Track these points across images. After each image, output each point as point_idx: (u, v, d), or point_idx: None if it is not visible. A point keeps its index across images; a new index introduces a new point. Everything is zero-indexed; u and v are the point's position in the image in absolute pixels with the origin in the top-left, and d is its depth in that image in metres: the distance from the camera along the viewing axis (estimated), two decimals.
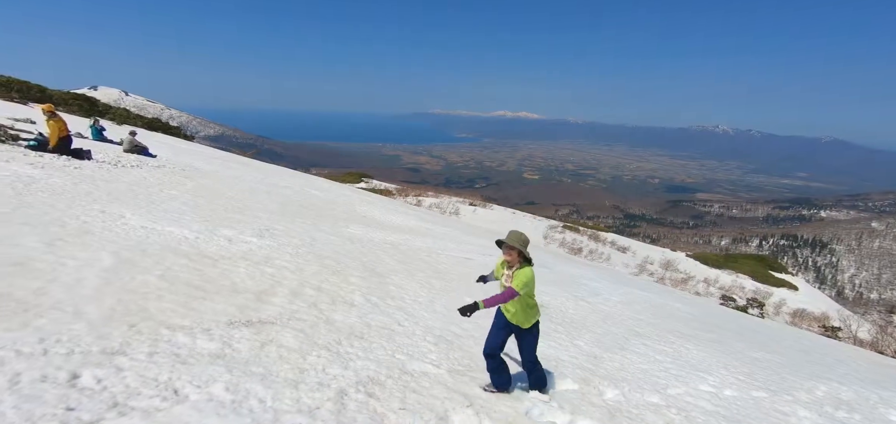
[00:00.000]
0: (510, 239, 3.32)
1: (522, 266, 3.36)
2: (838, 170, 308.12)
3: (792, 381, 6.28)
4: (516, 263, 3.36)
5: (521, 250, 3.30)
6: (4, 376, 2.29)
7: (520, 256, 3.34)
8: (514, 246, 3.29)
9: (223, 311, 3.92)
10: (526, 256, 3.36)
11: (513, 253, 3.32)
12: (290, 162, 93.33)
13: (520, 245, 3.30)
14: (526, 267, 3.35)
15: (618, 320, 7.91)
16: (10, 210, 5.15)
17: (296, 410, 2.64)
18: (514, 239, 3.31)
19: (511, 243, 3.30)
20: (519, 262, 3.36)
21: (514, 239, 3.31)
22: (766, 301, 26.94)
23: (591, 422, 3.51)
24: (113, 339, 2.95)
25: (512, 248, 3.30)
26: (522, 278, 3.29)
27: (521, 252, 3.31)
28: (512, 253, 3.32)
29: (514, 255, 3.33)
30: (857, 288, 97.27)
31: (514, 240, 3.31)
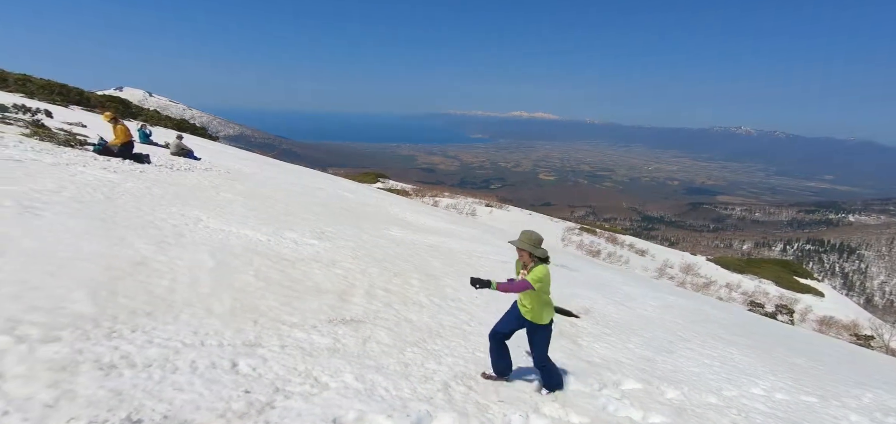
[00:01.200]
0: (520, 241, 3.40)
1: (537, 264, 3.41)
2: (868, 172, 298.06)
3: (837, 388, 6.43)
4: (530, 263, 3.42)
5: (531, 251, 3.36)
6: (185, 362, 2.71)
7: (531, 256, 3.40)
8: (524, 248, 3.37)
9: (318, 310, 4.33)
10: (537, 255, 3.40)
11: (524, 254, 3.41)
12: (307, 161, 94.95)
13: (529, 246, 3.36)
14: (541, 265, 3.41)
15: (659, 324, 8.12)
16: (111, 213, 5.67)
17: (416, 398, 3.01)
18: (523, 241, 3.38)
19: (520, 245, 3.38)
20: (532, 261, 3.42)
21: (523, 241, 3.38)
22: (794, 307, 26.48)
23: (662, 418, 3.79)
24: (247, 333, 3.36)
25: (522, 250, 3.40)
26: (537, 273, 3.33)
27: (530, 253, 3.37)
28: (523, 253, 3.41)
29: (526, 256, 3.41)
30: (887, 296, 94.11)
31: (524, 242, 3.38)
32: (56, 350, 2.47)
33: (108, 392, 2.23)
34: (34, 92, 27.13)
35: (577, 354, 5.11)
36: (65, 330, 2.71)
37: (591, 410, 3.61)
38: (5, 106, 14.05)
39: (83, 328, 2.79)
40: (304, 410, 2.52)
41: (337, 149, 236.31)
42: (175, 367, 2.62)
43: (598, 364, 4.93)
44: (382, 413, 2.69)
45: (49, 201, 5.40)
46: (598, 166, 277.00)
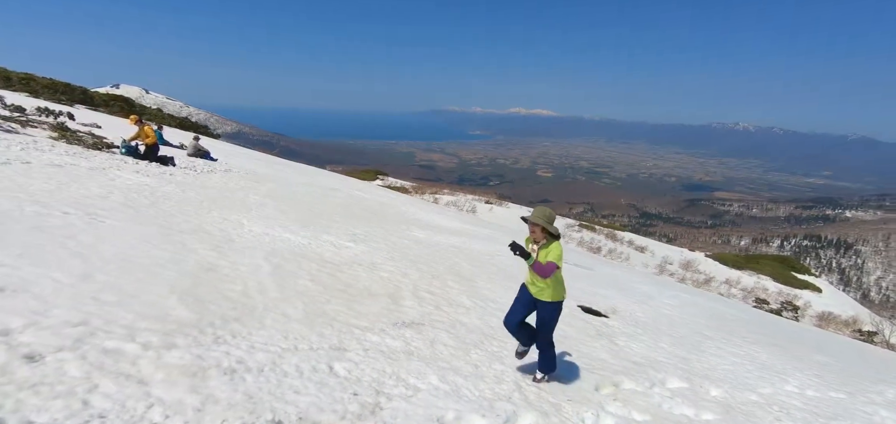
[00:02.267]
0: (534, 216, 3.37)
1: (549, 242, 3.37)
2: (865, 168, 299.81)
3: (860, 384, 6.66)
4: (542, 239, 3.37)
5: (545, 226, 3.32)
6: (290, 366, 2.89)
7: (544, 232, 3.34)
8: (538, 223, 3.32)
9: (378, 313, 4.52)
10: (550, 232, 3.35)
11: (537, 229, 3.34)
12: (307, 159, 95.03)
13: (544, 221, 3.31)
14: (554, 242, 3.37)
15: (681, 323, 8.35)
16: (162, 218, 5.83)
17: (497, 398, 3.20)
18: (538, 216, 3.34)
19: (534, 220, 3.34)
20: (545, 238, 3.37)
21: (538, 216, 3.34)
22: (804, 305, 26.83)
23: (714, 415, 4.00)
24: (330, 337, 3.55)
25: (535, 225, 3.34)
26: (557, 251, 3.31)
27: (545, 228, 3.33)
28: (536, 229, 3.34)
29: (538, 231, 3.34)
30: (883, 291, 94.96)
31: (538, 217, 3.34)
32: (180, 355, 2.66)
33: (242, 395, 2.42)
34: (39, 91, 27.11)
35: (620, 354, 5.32)
36: (177, 336, 2.89)
37: (650, 408, 3.82)
38: (22, 108, 14.13)
39: (191, 334, 2.97)
40: (409, 411, 2.71)
41: (335, 147, 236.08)
42: (284, 371, 2.80)
43: (642, 363, 5.14)
44: (476, 412, 2.88)
45: (104, 207, 5.56)
46: (597, 163, 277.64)
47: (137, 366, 2.44)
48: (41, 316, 2.68)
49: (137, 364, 2.46)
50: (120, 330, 2.77)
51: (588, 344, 5.44)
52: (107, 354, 2.47)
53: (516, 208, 38.20)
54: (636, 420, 3.49)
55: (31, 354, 2.29)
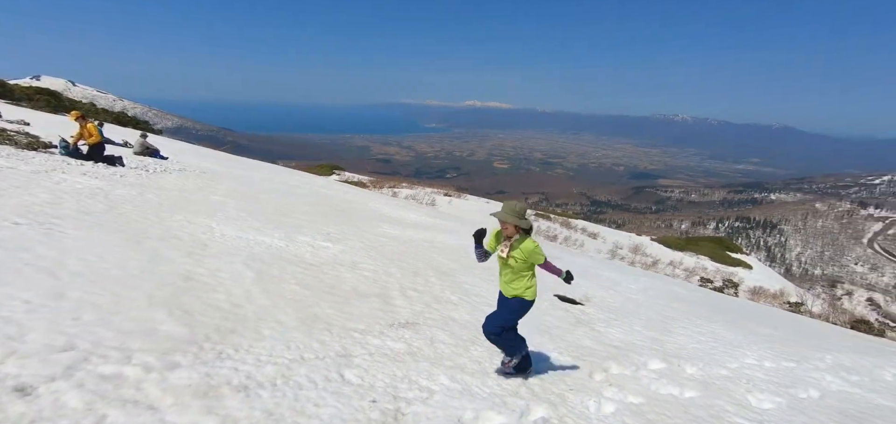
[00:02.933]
0: (504, 212, 3.23)
1: (522, 238, 3.26)
2: (786, 155, 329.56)
3: (803, 353, 7.37)
4: (514, 234, 3.24)
5: (517, 222, 3.19)
6: (302, 377, 2.79)
7: (516, 228, 3.22)
8: (509, 220, 3.19)
9: (371, 315, 4.44)
10: (523, 227, 3.23)
11: (509, 226, 3.22)
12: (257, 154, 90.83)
13: (514, 217, 3.19)
14: (527, 239, 3.26)
15: (647, 306, 8.85)
16: (125, 225, 5.39)
17: (506, 393, 3.26)
18: (508, 213, 3.21)
19: (504, 217, 3.21)
20: (517, 234, 3.25)
21: (508, 213, 3.21)
22: (739, 282, 29.14)
23: (695, 392, 4.30)
24: (332, 344, 3.45)
25: (506, 222, 3.22)
26: (530, 247, 3.22)
27: (516, 224, 3.20)
28: (508, 226, 3.23)
29: (510, 228, 3.22)
30: (803, 265, 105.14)
31: (508, 213, 3.21)
32: (186, 375, 2.49)
33: (261, 412, 2.31)
34: None
35: (601, 340, 5.57)
36: (176, 354, 2.71)
37: (641, 390, 4.03)
38: None
39: (191, 351, 2.79)
40: (429, 414, 2.71)
41: (287, 141, 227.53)
42: (298, 383, 2.70)
43: (622, 347, 5.41)
44: (492, 409, 2.92)
45: (58, 215, 5.06)
46: (550, 154, 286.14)
47: (143, 391, 2.26)
48: (18, 342, 2.41)
49: (142, 388, 2.28)
50: (112, 351, 2.55)
51: (572, 332, 5.64)
52: (105, 380, 2.27)
53: (475, 200, 38.65)
54: (633, 403, 3.67)
55: (20, 386, 2.06)
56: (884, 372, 6.92)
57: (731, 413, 3.93)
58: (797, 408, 4.45)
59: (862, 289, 72.08)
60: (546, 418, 3.02)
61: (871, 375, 6.58)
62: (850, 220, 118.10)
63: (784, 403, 4.53)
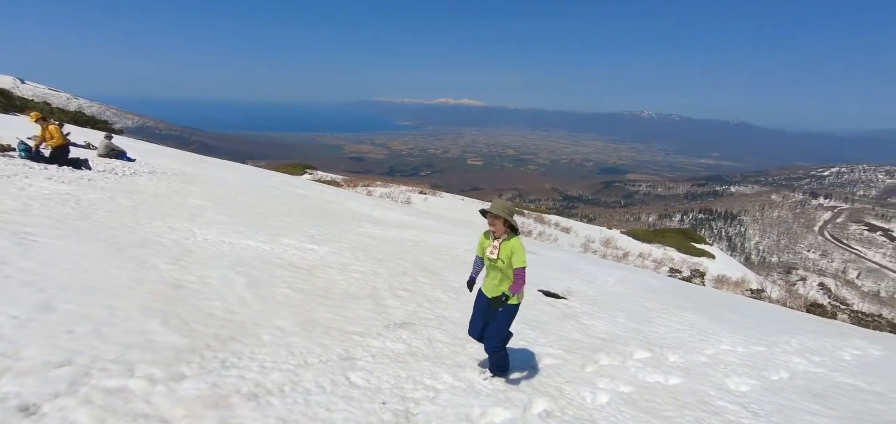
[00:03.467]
0: (496, 208, 3.19)
1: (509, 237, 3.20)
2: (744, 149, 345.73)
3: (770, 336, 7.84)
4: (502, 233, 3.19)
5: (507, 218, 3.16)
6: (310, 382, 2.79)
7: (506, 225, 3.18)
8: (499, 215, 3.14)
9: (367, 317, 4.45)
10: (512, 225, 3.21)
11: (498, 222, 3.17)
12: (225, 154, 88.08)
13: (505, 213, 3.16)
14: (515, 239, 3.21)
15: (626, 298, 9.17)
16: (103, 232, 5.17)
17: (508, 388, 3.35)
18: (499, 209, 3.18)
19: (496, 212, 3.16)
20: (505, 233, 3.20)
21: (499, 209, 3.18)
22: (705, 271, 30.41)
23: (679, 379, 4.52)
24: (334, 347, 3.45)
25: (497, 217, 3.16)
26: (520, 251, 3.17)
27: (506, 220, 3.17)
28: (497, 222, 3.17)
29: (500, 225, 3.17)
30: (761, 253, 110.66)
31: (500, 209, 3.17)
32: (193, 386, 2.45)
33: (275, 420, 2.30)
34: None
35: (588, 333, 5.75)
36: (179, 364, 2.65)
37: (630, 379, 4.21)
38: None
39: (194, 361, 2.74)
40: (439, 412, 2.76)
41: (256, 140, 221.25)
42: (306, 389, 2.70)
43: (608, 339, 5.61)
44: (498, 405, 3.00)
45: (30, 223, 4.81)
46: (522, 150, 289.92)
47: (153, 404, 2.22)
48: (13, 359, 2.31)
49: (151, 401, 2.24)
50: (113, 365, 2.48)
51: (560, 326, 5.80)
52: (112, 394, 2.21)
53: (450, 197, 38.82)
54: (624, 392, 3.84)
55: (24, 406, 1.99)
56: (842, 353, 7.45)
57: (714, 396, 4.17)
58: (771, 390, 4.76)
59: (814, 275, 76.78)
60: (548, 411, 3.12)
61: (832, 356, 7.07)
62: (803, 210, 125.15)
63: (759, 385, 4.83)
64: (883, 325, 20.25)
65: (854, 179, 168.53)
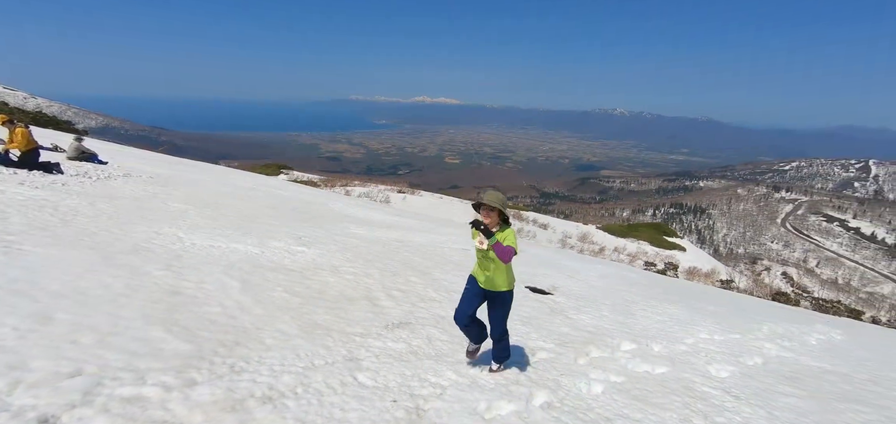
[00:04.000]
0: (490, 199, 3.22)
1: (503, 227, 3.25)
2: (712, 145, 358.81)
3: (743, 325, 8.26)
4: (496, 225, 3.23)
5: (502, 209, 3.21)
6: (320, 384, 2.84)
7: (499, 216, 3.23)
8: (495, 207, 3.19)
9: (365, 318, 4.50)
10: (505, 216, 3.27)
11: (493, 214, 3.21)
12: (196, 154, 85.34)
13: (500, 204, 3.20)
14: (508, 230, 3.24)
15: (609, 292, 9.48)
16: (89, 239, 5.03)
17: (508, 382, 3.48)
18: (494, 200, 3.21)
19: (491, 203, 3.19)
20: (499, 224, 3.25)
21: (494, 200, 3.21)
22: (678, 264, 31.44)
23: (665, 368, 4.76)
24: (338, 349, 3.50)
25: (492, 209, 3.20)
26: (512, 237, 3.21)
27: (501, 211, 3.22)
28: (491, 214, 3.21)
29: (494, 216, 3.21)
30: (728, 245, 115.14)
31: (494, 200, 3.20)
32: (208, 391, 2.47)
33: (294, 421, 2.35)
34: None
35: (577, 326, 5.96)
36: (189, 371, 2.66)
37: (620, 370, 4.42)
38: None
39: (203, 367, 2.75)
40: (448, 408, 2.86)
41: (229, 140, 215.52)
42: (318, 390, 2.75)
43: (596, 332, 5.83)
44: (502, 398, 3.13)
45: (10, 232, 4.65)
46: (499, 148, 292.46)
47: (171, 411, 2.24)
48: (22, 371, 2.28)
49: (169, 408, 2.26)
50: (123, 373, 2.47)
51: (549, 320, 5.99)
52: (129, 403, 2.22)
53: (429, 196, 38.93)
54: (616, 382, 4.03)
55: (43, 418, 1.98)
56: (809, 338, 7.94)
57: (698, 383, 4.41)
58: (748, 374, 5.06)
59: (778, 264, 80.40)
60: (549, 402, 3.27)
61: (800, 341, 7.53)
62: (766, 203, 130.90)
63: (737, 371, 5.12)
64: (842, 311, 21.46)
65: (812, 173, 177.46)
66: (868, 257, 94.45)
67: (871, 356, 7.51)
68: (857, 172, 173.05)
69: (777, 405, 4.19)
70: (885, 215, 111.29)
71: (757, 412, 3.92)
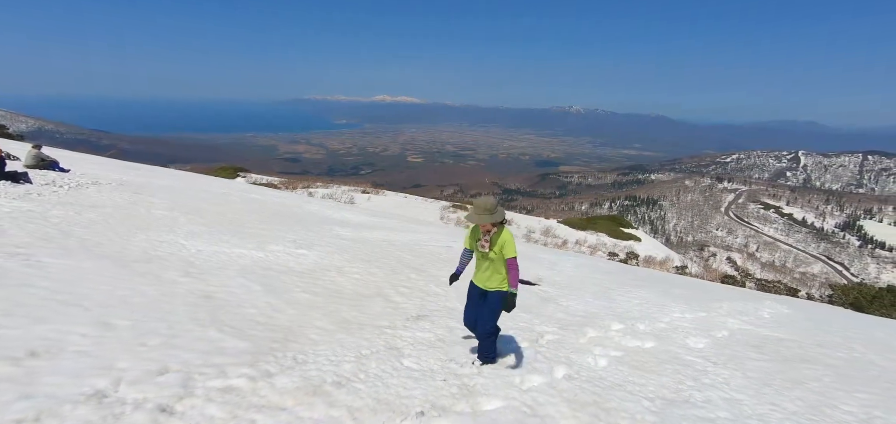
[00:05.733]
0: (479, 213, 3.30)
1: (500, 230, 3.35)
2: (661, 140, 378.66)
3: (707, 304, 9.18)
4: (493, 229, 3.33)
5: (492, 220, 3.30)
6: (377, 368, 3.15)
7: (493, 223, 3.31)
8: (483, 221, 3.27)
9: (385, 313, 4.80)
10: (498, 220, 3.34)
11: (486, 225, 3.29)
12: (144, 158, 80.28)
13: (489, 216, 3.28)
14: (505, 231, 3.35)
15: (588, 281, 10.18)
16: (96, 249, 5.00)
17: (530, 360, 3.92)
18: (482, 213, 3.29)
19: (478, 220, 3.29)
20: (495, 228, 3.34)
21: (482, 213, 3.29)
22: (638, 254, 33.24)
23: (652, 343, 5.37)
24: (375, 341, 3.80)
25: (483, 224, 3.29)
26: (511, 242, 3.32)
27: (492, 222, 3.31)
28: (485, 225, 3.30)
29: (489, 225, 3.29)
30: (678, 234, 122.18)
31: (483, 214, 3.28)
32: (288, 380, 2.73)
33: (372, 400, 2.65)
34: None
35: (569, 312, 6.51)
36: (262, 364, 2.90)
37: (616, 346, 4.98)
38: None
39: (270, 361, 2.98)
40: (490, 383, 3.24)
41: (178, 142, 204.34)
42: (377, 375, 3.06)
43: (587, 315, 6.40)
44: (532, 372, 3.55)
45: (17, 245, 4.57)
46: (462, 146, 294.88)
47: (264, 397, 2.49)
48: (116, 371, 2.46)
49: (261, 395, 2.51)
50: (206, 369, 2.69)
51: (545, 308, 6.50)
52: (226, 392, 2.46)
53: (393, 195, 39.03)
54: (616, 356, 4.57)
55: (161, 407, 2.20)
56: (762, 312, 8.94)
57: (682, 353, 5.05)
58: (719, 344, 5.78)
59: (723, 250, 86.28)
60: (568, 374, 3.73)
61: (755, 315, 8.49)
62: (711, 193, 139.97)
63: (710, 342, 5.84)
64: (781, 290, 23.67)
65: (751, 164, 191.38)
66: (800, 240, 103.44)
67: (813, 325, 8.59)
68: (789, 163, 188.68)
69: (748, 367, 4.89)
70: (813, 201, 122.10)
71: (734, 373, 4.58)
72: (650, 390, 3.69)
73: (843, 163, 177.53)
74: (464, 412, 2.73)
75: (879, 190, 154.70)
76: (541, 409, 2.94)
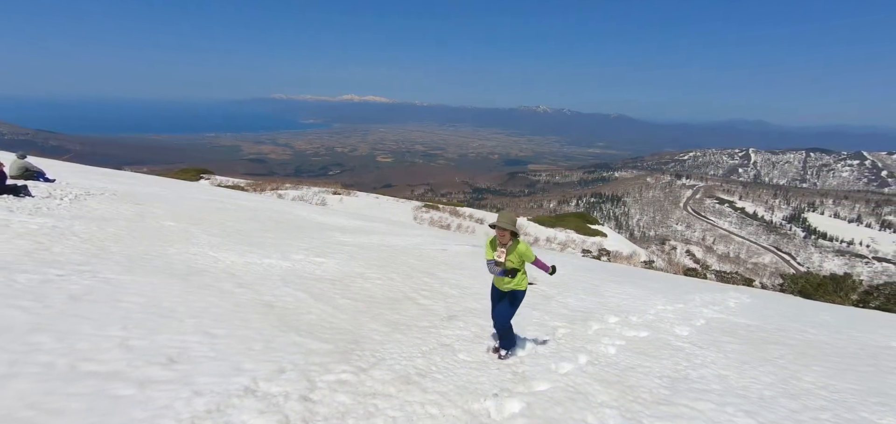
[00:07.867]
0: (502, 222, 3.87)
1: (515, 242, 3.92)
2: (624, 139, 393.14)
3: (682, 296, 10.23)
4: (508, 240, 3.85)
5: (513, 230, 3.85)
6: (442, 360, 3.73)
7: (511, 234, 3.85)
8: (506, 228, 3.83)
9: (422, 314, 5.38)
10: (515, 232, 3.89)
11: (506, 234, 3.84)
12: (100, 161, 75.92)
13: (511, 226, 3.84)
14: (520, 243, 3.94)
15: (576, 278, 11.04)
16: (138, 261, 5.30)
17: (558, 350, 4.60)
18: (506, 223, 3.86)
19: (503, 225, 3.84)
20: (511, 239, 3.87)
21: (506, 223, 3.86)
22: (610, 250, 34.82)
23: (646, 332, 6.20)
24: (427, 340, 4.38)
25: (505, 230, 3.84)
26: (528, 250, 3.92)
27: (512, 232, 3.85)
28: (505, 233, 3.83)
29: (507, 235, 3.83)
30: (641, 229, 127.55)
31: (506, 223, 3.86)
32: (382, 374, 3.27)
33: (454, 386, 3.24)
34: None
35: (569, 308, 7.28)
36: (352, 362, 3.43)
37: (618, 336, 5.76)
38: None
39: (354, 359, 3.52)
40: (534, 369, 3.90)
41: (132, 143, 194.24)
42: (444, 367, 3.65)
43: (585, 310, 7.19)
44: (563, 360, 4.23)
45: (71, 261, 4.83)
46: (431, 146, 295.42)
47: (373, 388, 3.04)
48: (245, 372, 2.94)
49: (368, 386, 3.05)
50: (312, 367, 3.20)
51: (549, 305, 7.24)
52: (343, 384, 2.99)
53: (364, 196, 39.17)
54: (621, 344, 5.34)
55: (301, 397, 2.71)
56: (729, 302, 10.07)
57: (672, 340, 5.89)
58: (700, 332, 6.70)
59: (682, 244, 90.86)
60: (590, 360, 4.45)
61: (723, 305, 9.58)
62: (671, 190, 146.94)
63: (692, 330, 6.74)
64: (738, 281, 25.65)
65: (707, 161, 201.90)
66: (752, 233, 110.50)
67: (772, 312, 9.78)
68: (741, 160, 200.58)
69: (726, 349, 5.79)
70: (762, 196, 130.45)
71: (716, 355, 5.45)
72: (657, 370, 4.45)
73: (789, 160, 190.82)
74: (525, 392, 3.37)
75: (821, 184, 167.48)
76: (581, 388, 3.62)
